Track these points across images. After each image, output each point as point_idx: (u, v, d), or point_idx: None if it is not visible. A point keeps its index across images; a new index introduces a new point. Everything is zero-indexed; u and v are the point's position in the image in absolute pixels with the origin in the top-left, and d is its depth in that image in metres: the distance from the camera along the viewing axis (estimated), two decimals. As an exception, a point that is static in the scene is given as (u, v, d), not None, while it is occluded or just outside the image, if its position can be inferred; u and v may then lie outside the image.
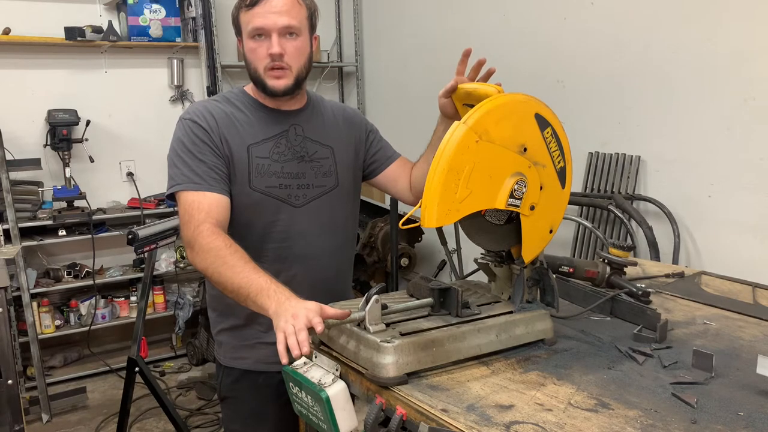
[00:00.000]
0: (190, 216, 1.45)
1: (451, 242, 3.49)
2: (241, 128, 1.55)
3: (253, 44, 1.51)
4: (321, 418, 1.26)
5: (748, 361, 1.27)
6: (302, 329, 1.15)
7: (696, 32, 2.55)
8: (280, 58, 1.50)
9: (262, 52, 1.50)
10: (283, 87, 1.53)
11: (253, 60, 1.53)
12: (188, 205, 1.47)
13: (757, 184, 2.40)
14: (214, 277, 1.40)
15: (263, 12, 1.47)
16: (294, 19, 1.50)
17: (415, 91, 4.25)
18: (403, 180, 1.76)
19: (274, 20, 1.47)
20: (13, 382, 2.26)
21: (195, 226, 1.43)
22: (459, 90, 1.46)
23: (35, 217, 3.70)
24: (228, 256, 1.37)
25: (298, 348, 1.13)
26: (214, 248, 1.39)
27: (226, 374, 1.67)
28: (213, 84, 4.28)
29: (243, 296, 1.33)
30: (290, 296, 1.26)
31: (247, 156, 1.54)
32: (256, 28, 1.48)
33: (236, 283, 1.34)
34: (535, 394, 1.15)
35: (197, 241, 1.42)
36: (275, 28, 1.48)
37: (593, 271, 1.65)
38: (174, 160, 1.52)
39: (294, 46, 1.51)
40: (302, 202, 1.60)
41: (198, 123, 1.52)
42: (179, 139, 1.53)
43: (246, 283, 1.32)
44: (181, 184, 1.49)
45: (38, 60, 3.89)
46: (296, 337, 1.14)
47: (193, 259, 1.44)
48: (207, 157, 1.50)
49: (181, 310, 4.10)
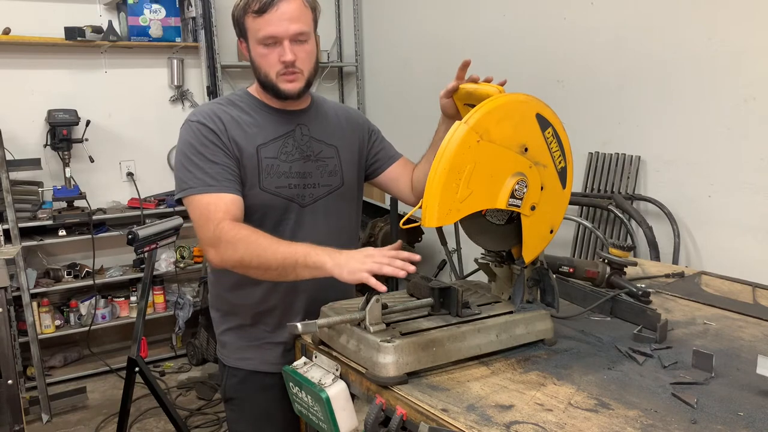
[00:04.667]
0: (206, 218, 1.44)
1: (451, 242, 3.49)
2: (248, 130, 1.55)
3: (263, 50, 1.50)
4: (321, 418, 1.26)
5: (748, 361, 1.27)
6: (387, 255, 1.24)
7: (696, 32, 2.55)
8: (293, 65, 1.50)
9: (273, 58, 1.50)
10: (297, 90, 1.54)
11: (263, 66, 1.52)
12: (204, 207, 1.45)
13: (757, 184, 2.40)
14: (253, 263, 1.39)
15: (275, 20, 1.46)
16: (305, 25, 1.50)
17: (415, 91, 4.25)
18: (404, 180, 1.76)
19: (285, 27, 1.47)
20: (13, 382, 2.26)
21: (215, 225, 1.42)
22: (460, 90, 1.46)
23: (35, 217, 3.69)
24: (260, 239, 1.38)
25: (404, 269, 1.21)
26: (243, 236, 1.39)
27: (231, 375, 1.66)
28: (213, 84, 4.28)
29: (291, 266, 1.35)
30: (339, 250, 1.31)
31: (257, 157, 1.53)
32: (268, 36, 1.47)
33: (279, 257, 1.35)
34: (535, 394, 1.15)
35: (222, 238, 1.41)
36: (287, 36, 1.47)
37: (593, 271, 1.65)
38: (184, 163, 1.50)
39: (305, 51, 1.52)
40: (309, 202, 1.60)
41: (206, 125, 1.50)
42: (188, 142, 1.51)
43: (290, 252, 1.34)
44: (195, 188, 1.47)
45: (38, 60, 3.89)
46: (393, 262, 1.22)
47: (222, 256, 1.42)
48: (219, 158, 1.48)
49: (181, 310, 4.10)
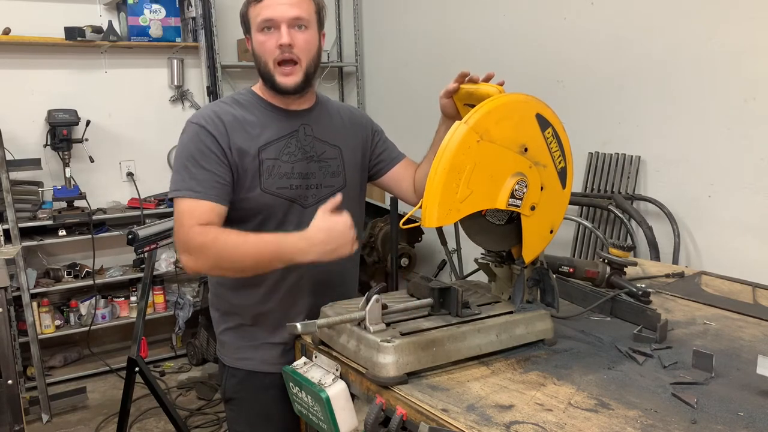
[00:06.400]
0: (180, 224, 1.45)
1: (451, 242, 3.49)
2: (251, 130, 1.54)
3: (262, 37, 1.50)
4: (321, 418, 1.26)
5: (748, 361, 1.27)
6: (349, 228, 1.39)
7: (696, 32, 2.55)
8: (289, 49, 1.49)
9: (271, 44, 1.49)
10: (293, 84, 1.53)
11: (262, 53, 1.52)
12: (180, 212, 1.46)
13: (757, 184, 2.40)
14: (225, 266, 1.40)
15: (272, 4, 1.47)
16: (303, 11, 1.50)
17: (415, 91, 4.25)
18: (407, 181, 1.76)
19: (282, 11, 1.47)
20: (13, 382, 2.26)
21: (185, 232, 1.43)
22: (460, 90, 1.46)
23: (35, 217, 3.69)
24: (228, 240, 1.39)
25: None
26: (210, 240, 1.40)
27: (231, 375, 1.66)
28: (213, 84, 4.27)
29: (267, 260, 1.37)
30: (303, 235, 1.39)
31: (258, 158, 1.53)
32: (266, 19, 1.48)
33: (253, 254, 1.37)
34: (535, 394, 1.15)
35: (190, 244, 1.42)
36: (284, 19, 1.48)
37: (593, 271, 1.65)
38: (177, 165, 1.51)
39: (303, 39, 1.51)
40: (311, 202, 1.59)
41: (206, 128, 1.50)
42: (185, 144, 1.51)
43: (260, 252, 1.36)
44: (180, 191, 1.48)
45: (38, 60, 3.89)
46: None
47: (195, 263, 1.43)
48: (210, 165, 1.48)
49: (181, 310, 4.10)
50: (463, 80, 1.44)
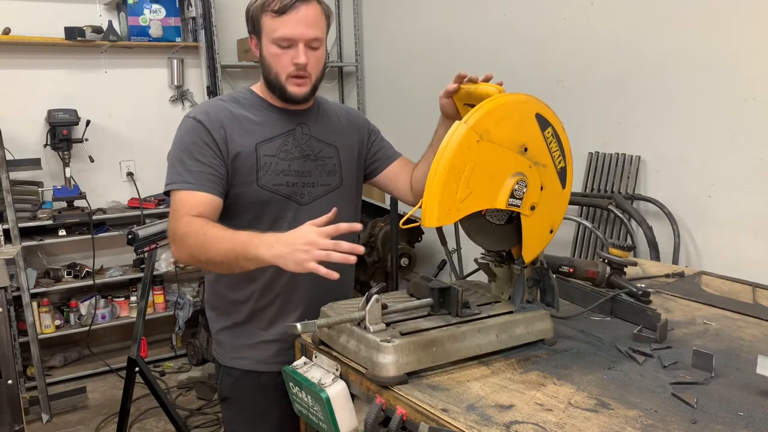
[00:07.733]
0: (173, 214, 1.48)
1: (451, 242, 3.49)
2: (249, 127, 1.56)
3: (277, 51, 1.51)
4: (321, 418, 1.26)
5: (748, 361, 1.27)
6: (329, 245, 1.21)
7: (696, 32, 2.55)
8: (304, 68, 1.52)
9: (286, 60, 1.51)
10: (303, 94, 1.56)
11: (275, 65, 1.53)
12: (174, 203, 1.49)
13: (757, 184, 2.40)
14: (201, 257, 1.40)
15: (293, 22, 1.48)
16: (320, 32, 1.53)
17: (415, 91, 4.25)
18: (403, 180, 1.77)
19: (302, 32, 1.49)
20: (13, 382, 2.26)
21: (175, 222, 1.45)
22: (460, 90, 1.46)
23: (35, 217, 3.69)
24: (207, 232, 1.39)
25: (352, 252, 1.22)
26: (192, 231, 1.41)
27: (227, 374, 1.67)
28: (213, 84, 4.27)
29: (233, 259, 1.35)
30: (277, 235, 1.29)
31: (255, 154, 1.55)
32: (285, 37, 1.49)
33: (222, 251, 1.35)
34: (535, 394, 1.15)
35: (177, 233, 1.44)
36: (303, 39, 1.49)
37: (593, 271, 1.65)
38: (172, 158, 1.54)
39: (316, 57, 1.54)
40: (307, 200, 1.61)
41: (201, 122, 1.53)
42: (181, 137, 1.55)
43: (231, 245, 1.34)
44: (174, 183, 1.50)
45: (38, 60, 3.89)
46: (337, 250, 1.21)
47: (179, 253, 1.46)
48: (204, 157, 1.50)
49: (181, 310, 4.10)
50: (461, 81, 1.45)
